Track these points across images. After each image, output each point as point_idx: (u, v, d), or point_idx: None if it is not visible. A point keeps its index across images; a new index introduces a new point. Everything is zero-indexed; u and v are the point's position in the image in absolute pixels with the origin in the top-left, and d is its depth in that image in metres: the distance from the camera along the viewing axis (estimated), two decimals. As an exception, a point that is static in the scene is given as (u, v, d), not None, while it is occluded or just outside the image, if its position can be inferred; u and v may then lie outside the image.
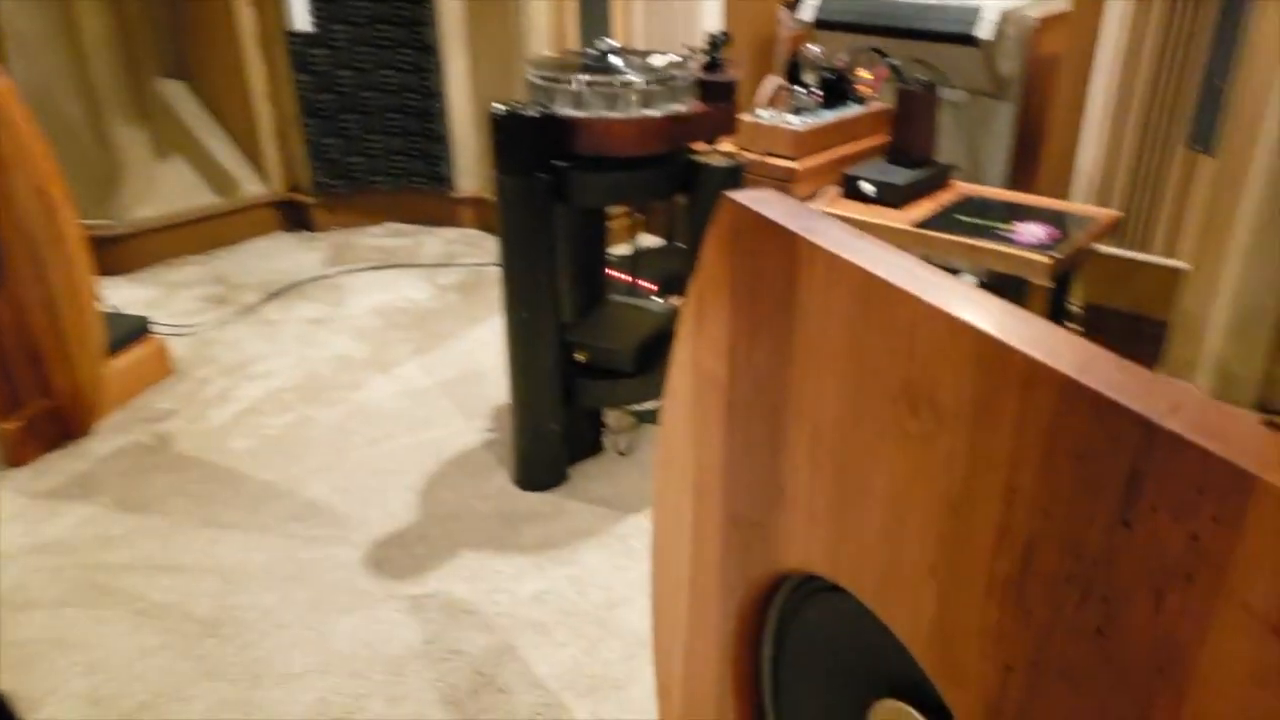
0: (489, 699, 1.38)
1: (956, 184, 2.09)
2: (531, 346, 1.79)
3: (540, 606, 1.57)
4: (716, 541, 0.82)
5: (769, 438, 0.70)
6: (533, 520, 1.80)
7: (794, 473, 0.68)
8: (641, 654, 1.47)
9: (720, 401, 0.76)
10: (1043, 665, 0.48)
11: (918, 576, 0.57)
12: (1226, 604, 0.38)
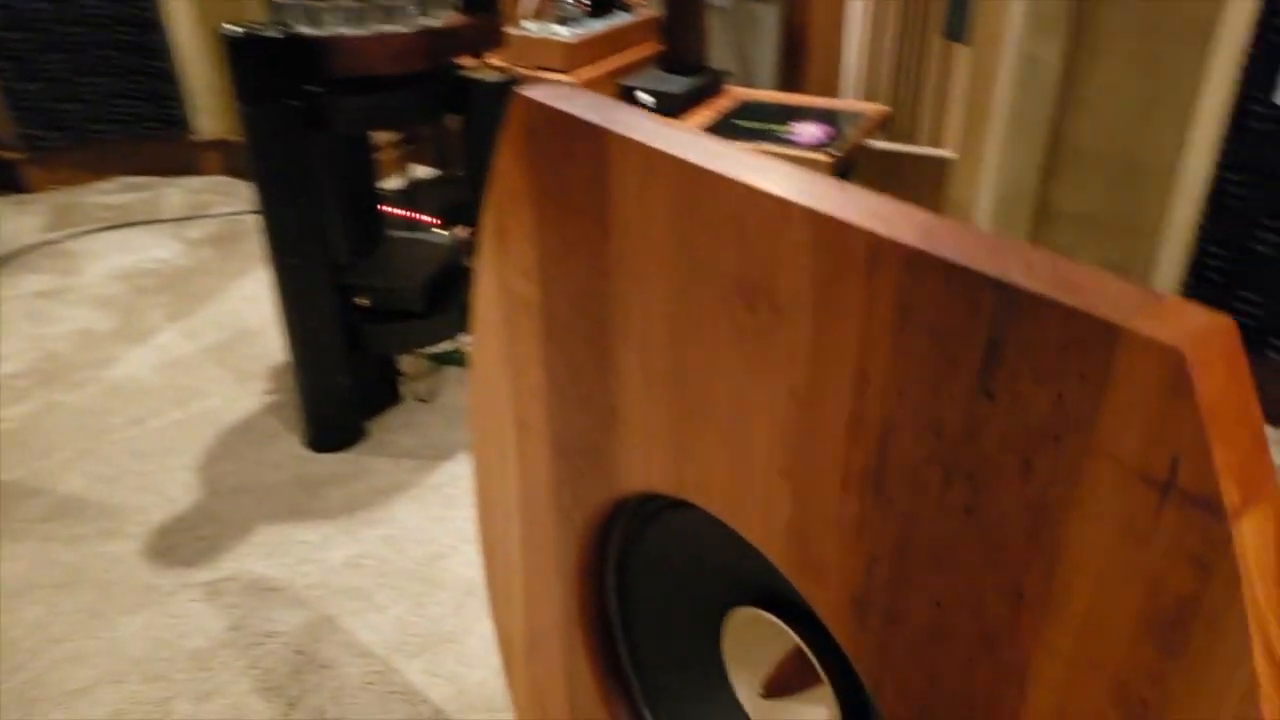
0: (312, 677, 1.29)
1: (731, 89, 2.10)
2: (305, 295, 1.65)
3: (355, 572, 1.48)
4: (546, 474, 0.77)
5: (594, 358, 0.65)
6: (333, 483, 1.68)
7: (625, 391, 0.64)
8: (472, 604, 1.41)
9: (535, 326, 0.70)
10: (909, 552, 0.47)
11: (769, 479, 0.54)
12: (1096, 460, 0.37)
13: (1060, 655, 0.41)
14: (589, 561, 0.78)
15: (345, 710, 1.23)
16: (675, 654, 0.77)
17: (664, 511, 0.70)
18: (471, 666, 1.30)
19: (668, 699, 0.79)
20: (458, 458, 1.75)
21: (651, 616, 0.77)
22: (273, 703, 1.25)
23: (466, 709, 1.23)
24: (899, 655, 0.49)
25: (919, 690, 0.49)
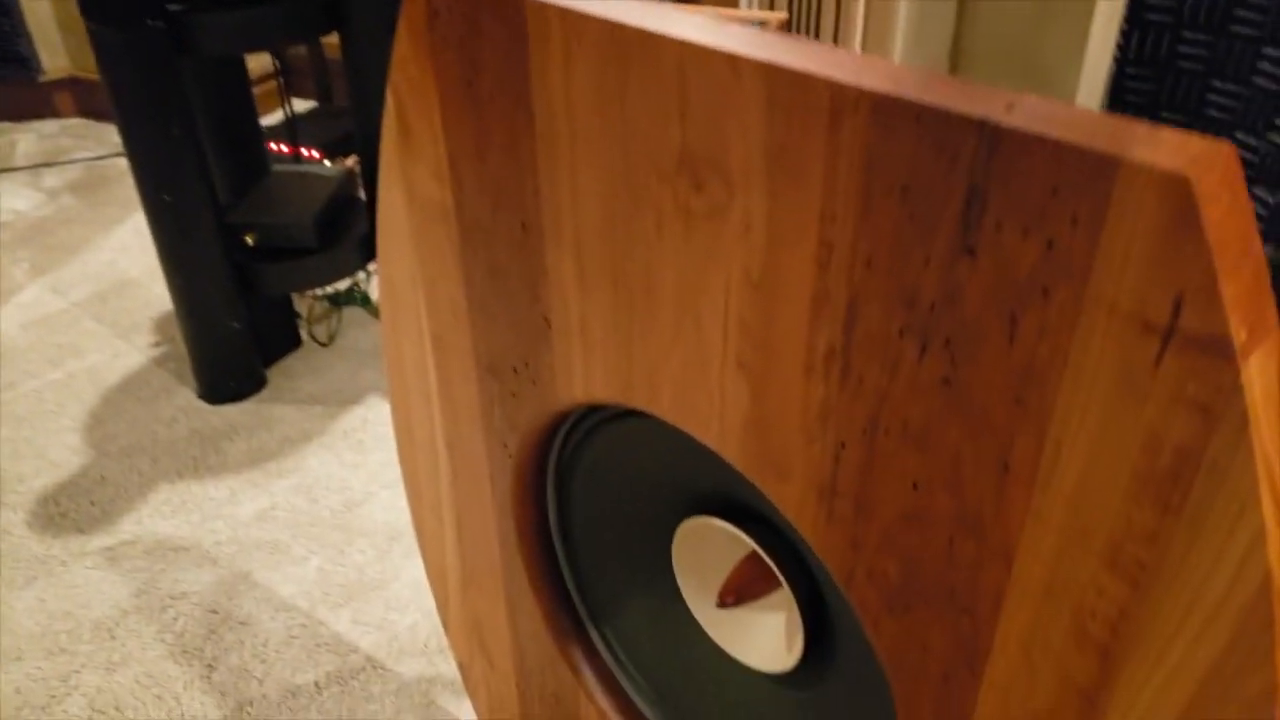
0: (231, 636, 1.22)
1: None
2: (185, 236, 1.53)
3: (268, 525, 1.40)
4: (472, 397, 0.72)
5: (520, 263, 0.60)
6: (235, 435, 1.59)
7: (559, 297, 0.59)
8: (397, 548, 1.36)
9: (449, 232, 0.65)
10: (881, 434, 0.44)
11: (724, 374, 0.50)
12: (1090, 311, 0.35)
13: (1050, 526, 0.39)
14: (526, 485, 0.74)
15: (271, 667, 1.18)
16: (623, 572, 0.74)
17: (606, 424, 0.66)
18: (402, 612, 1.25)
19: (617, 618, 0.76)
20: (367, 401, 1.68)
21: (596, 535, 0.74)
22: (190, 666, 1.18)
23: (399, 655, 1.19)
24: (872, 545, 0.47)
25: (894, 579, 0.47)
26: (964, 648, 0.45)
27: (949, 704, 0.47)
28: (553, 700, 0.83)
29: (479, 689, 0.95)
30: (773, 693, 0.68)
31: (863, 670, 0.59)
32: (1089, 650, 0.40)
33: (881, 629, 0.49)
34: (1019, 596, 0.42)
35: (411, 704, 1.13)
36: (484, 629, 0.88)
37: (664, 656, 0.74)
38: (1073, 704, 0.42)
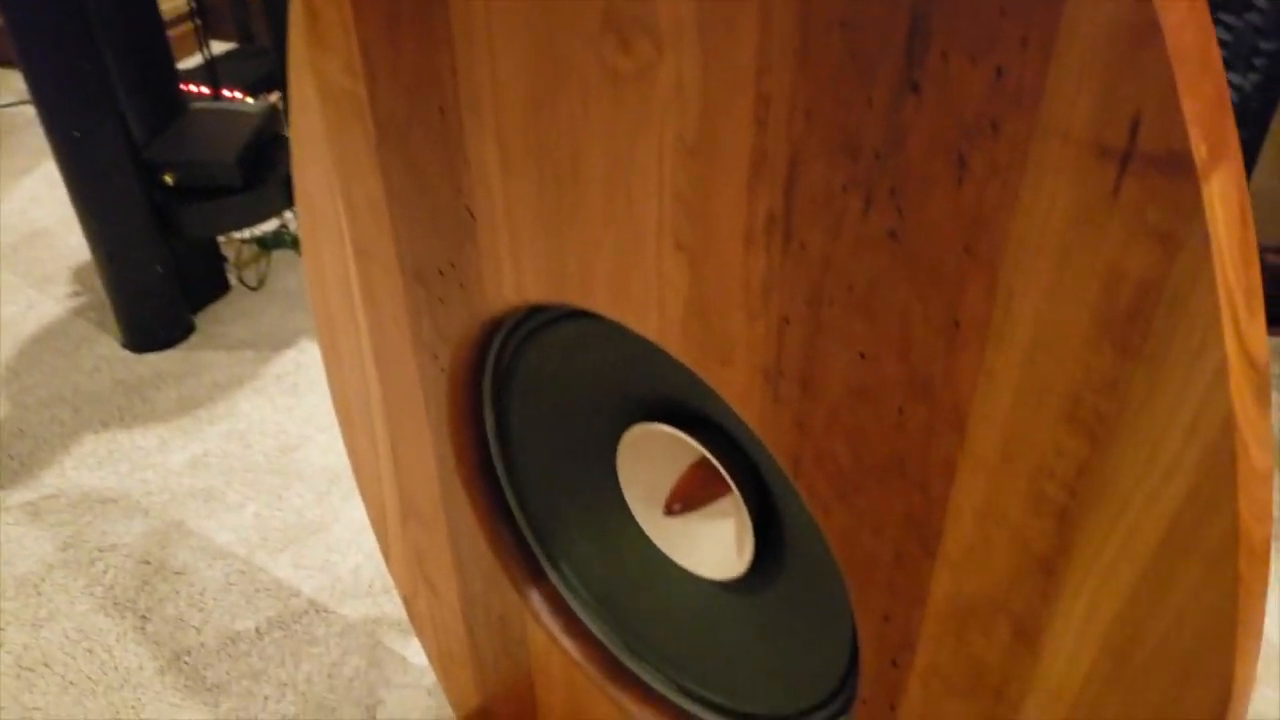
0: (165, 586, 1.18)
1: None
2: (98, 176, 1.45)
3: (201, 472, 1.35)
4: (399, 310, 0.69)
5: (440, 153, 0.56)
6: (163, 383, 1.53)
7: (483, 187, 0.55)
8: (336, 491, 1.32)
9: (365, 128, 0.60)
10: (826, 303, 0.42)
11: (661, 255, 0.48)
12: (1041, 141, 0.32)
13: (1004, 384, 0.37)
14: (461, 403, 0.71)
15: (209, 615, 1.14)
16: (566, 487, 0.71)
17: (542, 330, 0.63)
18: (343, 554, 1.22)
19: (562, 536, 0.73)
20: (300, 345, 1.62)
21: (537, 450, 0.71)
22: (122, 618, 1.14)
23: (343, 597, 1.16)
24: (819, 425, 0.45)
25: (843, 460, 0.45)
26: (917, 526, 0.44)
27: (903, 586, 0.46)
28: (499, 625, 0.81)
29: (425, 622, 0.93)
30: (725, 601, 0.67)
31: (814, 568, 0.57)
32: (1046, 515, 0.39)
33: (831, 516, 0.47)
34: (973, 465, 0.40)
35: (357, 645, 1.10)
36: (426, 558, 0.85)
37: (611, 572, 0.72)
38: (1031, 573, 0.40)
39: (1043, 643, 0.41)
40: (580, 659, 0.74)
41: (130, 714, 1.03)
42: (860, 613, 0.49)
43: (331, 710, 1.03)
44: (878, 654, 0.49)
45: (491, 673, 0.87)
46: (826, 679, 0.58)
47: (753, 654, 0.65)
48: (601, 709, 0.74)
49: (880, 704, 0.51)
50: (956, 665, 0.45)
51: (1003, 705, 0.44)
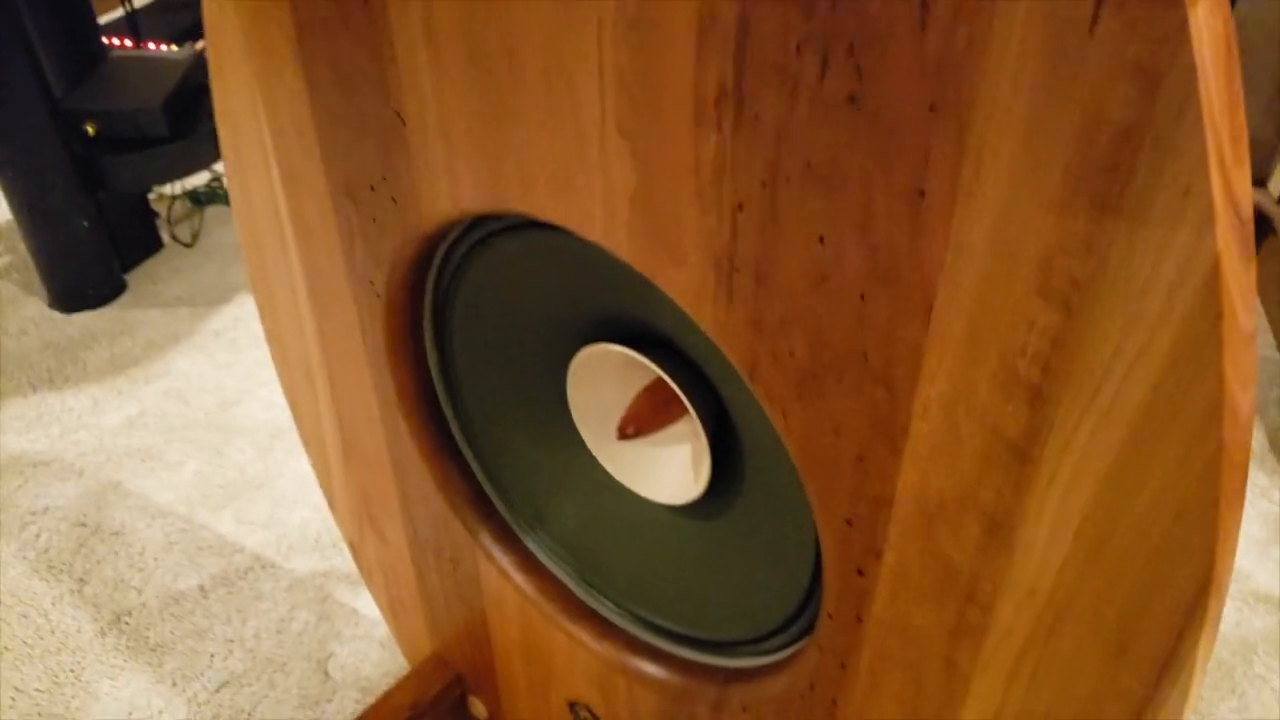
0: (102, 547, 1.13)
1: None
2: (15, 127, 1.37)
3: (138, 432, 1.30)
4: (329, 233, 0.65)
5: (367, 57, 0.52)
6: (94, 342, 1.47)
7: (412, 88, 0.51)
8: (279, 445, 1.27)
9: (285, 33, 0.56)
10: (782, 180, 0.39)
11: (605, 146, 0.44)
12: (1014, -22, 0.30)
13: (973, 256, 0.35)
14: (400, 333, 0.67)
15: (149, 575, 1.09)
16: (514, 417, 0.68)
17: (481, 247, 0.60)
18: (289, 508, 1.18)
19: (511, 468, 0.70)
20: (238, 300, 1.57)
21: (482, 380, 0.68)
22: (58, 581, 1.09)
23: (289, 552, 1.12)
24: (776, 321, 0.42)
25: (802, 357, 0.42)
26: (881, 423, 0.41)
27: (868, 488, 0.43)
28: (450, 566, 0.78)
29: (373, 570, 0.89)
30: (682, 527, 0.64)
31: (773, 484, 0.55)
32: (1018, 396, 0.36)
33: (791, 419, 0.45)
34: (939, 351, 0.38)
35: (306, 599, 1.06)
36: (371, 501, 0.82)
37: (563, 503, 0.69)
38: (1002, 463, 0.38)
39: (1015, 538, 0.39)
40: (535, 596, 0.72)
41: (69, 678, 0.99)
42: (823, 521, 0.47)
43: (281, 665, 0.99)
44: (842, 563, 0.47)
45: (444, 618, 0.84)
46: (790, 598, 0.56)
47: (712, 579, 0.63)
48: (558, 645, 0.72)
49: (847, 617, 0.49)
50: (925, 568, 0.43)
51: (974, 607, 0.42)
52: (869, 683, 0.50)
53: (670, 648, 0.66)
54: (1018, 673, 0.43)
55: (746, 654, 0.62)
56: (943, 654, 0.45)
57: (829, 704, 0.53)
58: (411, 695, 0.86)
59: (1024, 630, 0.41)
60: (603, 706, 0.72)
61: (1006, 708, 0.44)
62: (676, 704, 0.65)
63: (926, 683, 0.47)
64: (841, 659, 0.51)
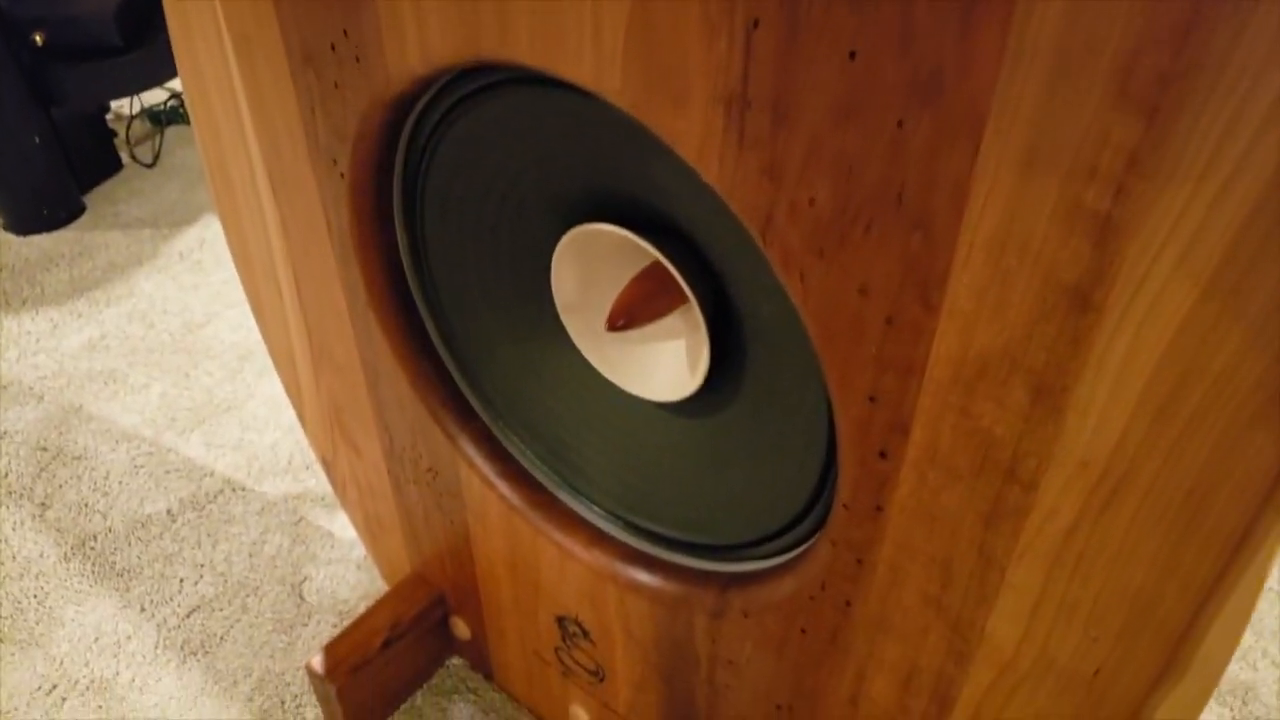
0: (64, 471, 1.07)
1: None
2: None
3: (100, 355, 1.24)
4: (288, 105, 0.58)
5: (316, -128, 0.46)
6: (52, 265, 1.39)
7: (369, -85, 0.45)
8: (249, 367, 1.22)
9: None
10: None
11: (593, -37, 0.38)
12: None
13: (1037, 57, 0.29)
14: (368, 218, 0.61)
15: (114, 499, 1.04)
16: (494, 309, 0.62)
17: (455, 113, 0.54)
18: (260, 431, 1.13)
19: (491, 367, 0.65)
20: (204, 221, 1.49)
21: (457, 270, 0.62)
22: (18, 506, 1.03)
23: (261, 475, 1.07)
24: (795, 166, 0.37)
25: (824, 206, 0.37)
26: (915, 276, 0.36)
27: (896, 356, 0.38)
28: (429, 478, 0.73)
29: (348, 487, 0.84)
30: (675, 426, 0.59)
31: (778, 369, 0.50)
32: (1082, 231, 0.31)
33: (809, 282, 0.40)
34: (989, 183, 0.32)
35: (279, 523, 1.01)
36: (343, 411, 0.77)
37: (548, 405, 0.64)
38: (1058, 311, 0.33)
39: (1068, 402, 0.35)
40: (520, 505, 0.67)
41: (33, 604, 0.94)
42: (841, 401, 0.42)
43: (254, 589, 0.95)
44: (862, 447, 0.42)
45: (424, 534, 0.79)
46: (797, 494, 0.52)
47: (710, 481, 0.58)
48: (546, 557, 0.67)
49: (866, 506, 0.44)
50: (959, 445, 0.39)
51: (1015, 486, 0.38)
52: (889, 579, 0.46)
53: (665, 555, 0.62)
54: (1062, 559, 0.38)
55: (749, 558, 0.57)
56: (975, 542, 0.41)
57: (842, 605, 0.49)
58: (390, 616, 0.82)
59: (1072, 509, 0.37)
60: (593, 620, 0.68)
61: (1047, 599, 0.40)
62: (673, 613, 0.61)
63: (955, 576, 0.43)
64: (858, 554, 0.46)
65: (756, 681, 0.58)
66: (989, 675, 0.44)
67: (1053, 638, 0.41)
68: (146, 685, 0.88)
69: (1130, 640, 0.38)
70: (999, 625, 0.42)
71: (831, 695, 0.54)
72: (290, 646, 0.91)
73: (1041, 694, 0.43)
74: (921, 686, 0.48)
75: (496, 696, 0.87)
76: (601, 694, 0.73)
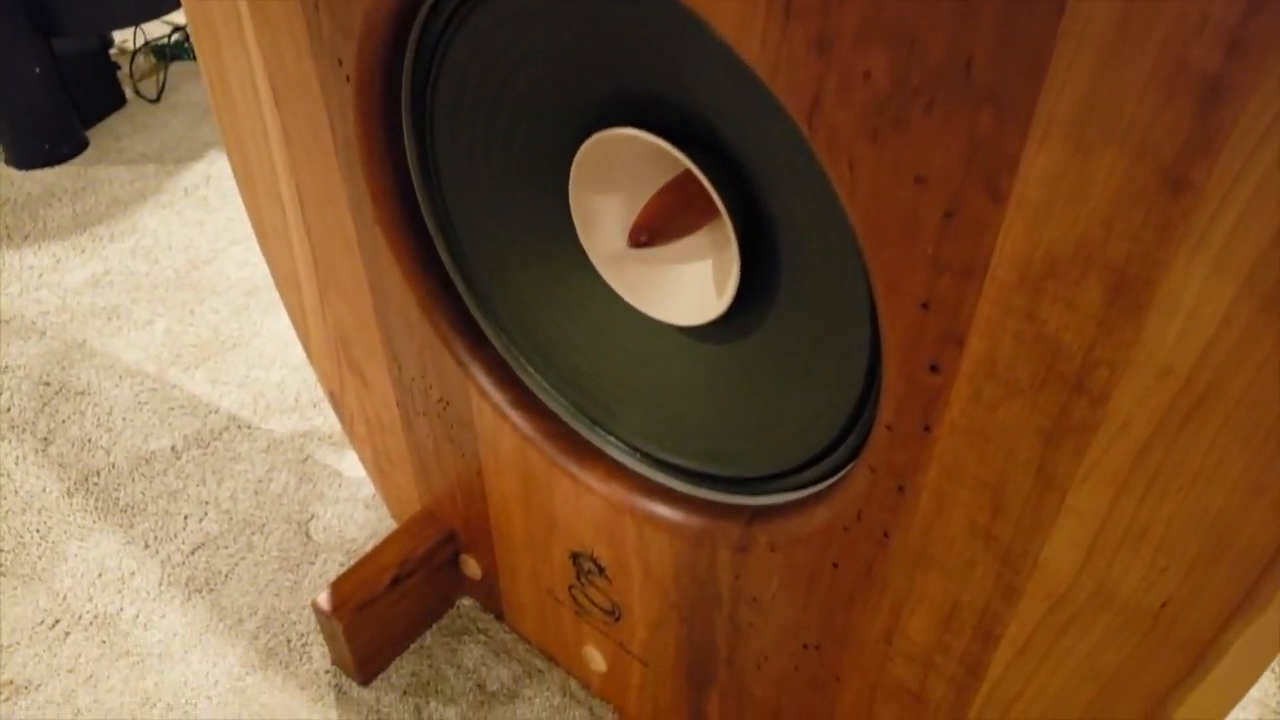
0: (67, 406, 1.05)
1: None
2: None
3: (104, 290, 1.21)
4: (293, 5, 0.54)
5: None
6: (55, 200, 1.36)
7: None
8: (255, 304, 1.19)
9: None
10: None
11: None
12: None
13: None
14: (374, 124, 0.58)
15: (118, 435, 1.02)
16: (508, 227, 0.59)
17: (468, 6, 0.50)
18: (266, 369, 1.10)
19: (504, 290, 0.62)
20: (209, 157, 1.45)
21: (469, 184, 0.58)
22: (20, 441, 1.01)
23: (267, 413, 1.04)
24: (848, 35, 0.33)
25: (881, 80, 0.33)
26: (982, 160, 0.32)
27: (955, 256, 0.35)
28: (440, 409, 0.70)
29: (355, 421, 0.82)
30: (700, 353, 0.56)
31: (815, 285, 0.46)
32: (1183, 95, 0.27)
33: (859, 171, 0.36)
34: (1075, 44, 0.28)
35: (285, 460, 0.99)
36: (351, 341, 0.73)
37: (564, 330, 0.61)
38: (1146, 194, 0.29)
39: (1151, 301, 0.31)
40: (534, 436, 0.64)
41: (35, 537, 0.92)
42: (890, 309, 0.38)
43: (260, 527, 0.92)
44: (911, 360, 0.39)
45: (434, 470, 0.77)
46: (831, 421, 0.48)
47: (735, 410, 0.55)
48: (561, 492, 0.65)
49: (911, 427, 0.41)
50: (1021, 355, 0.35)
51: (1083, 398, 0.34)
52: (933, 508, 0.42)
53: (687, 488, 0.59)
54: (1132, 480, 0.35)
55: (777, 490, 0.54)
56: (1033, 463, 0.37)
57: (879, 537, 0.46)
58: (398, 553, 0.79)
59: (1148, 424, 0.33)
60: (609, 556, 0.65)
61: (1112, 524, 0.36)
62: (694, 548, 0.58)
63: (1008, 502, 0.39)
64: (900, 481, 0.43)
65: (782, 619, 0.55)
66: (1039, 610, 0.41)
67: (1115, 567, 0.37)
68: (150, 621, 0.86)
69: (1205, 570, 0.35)
70: (1054, 555, 0.39)
71: (864, 634, 0.51)
72: (296, 585, 0.88)
73: (1098, 629, 0.40)
74: (963, 624, 0.45)
75: (508, 638, 0.84)
76: (617, 634, 0.71)
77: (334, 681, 0.82)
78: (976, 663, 0.46)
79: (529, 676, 0.82)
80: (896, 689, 0.51)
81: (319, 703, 0.80)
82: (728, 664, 0.62)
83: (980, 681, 0.47)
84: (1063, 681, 0.43)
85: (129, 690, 0.81)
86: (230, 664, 0.83)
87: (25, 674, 0.82)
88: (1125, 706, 0.41)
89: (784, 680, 0.59)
